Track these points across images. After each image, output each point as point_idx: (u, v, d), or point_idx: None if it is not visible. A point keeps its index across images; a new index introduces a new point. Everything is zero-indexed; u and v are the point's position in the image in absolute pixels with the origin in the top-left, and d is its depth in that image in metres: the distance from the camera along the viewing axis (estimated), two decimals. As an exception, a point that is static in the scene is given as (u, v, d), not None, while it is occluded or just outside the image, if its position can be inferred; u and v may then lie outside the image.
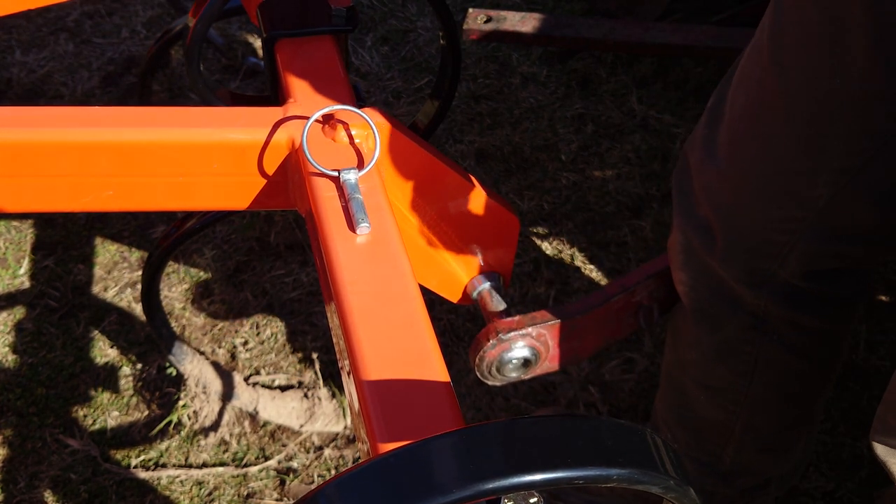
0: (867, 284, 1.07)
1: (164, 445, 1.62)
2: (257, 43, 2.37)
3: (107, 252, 1.92)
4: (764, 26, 0.92)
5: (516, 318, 1.19)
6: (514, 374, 1.24)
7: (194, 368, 1.65)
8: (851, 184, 0.90)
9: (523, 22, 2.08)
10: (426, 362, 0.70)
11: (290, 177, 0.96)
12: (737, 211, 1.00)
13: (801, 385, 1.15)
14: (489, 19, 2.08)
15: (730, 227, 1.02)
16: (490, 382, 1.25)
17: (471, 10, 2.12)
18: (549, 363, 1.27)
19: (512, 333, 1.19)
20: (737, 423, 1.19)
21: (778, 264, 1.00)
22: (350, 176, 0.88)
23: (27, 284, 1.86)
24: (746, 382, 1.14)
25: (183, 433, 1.63)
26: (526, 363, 1.23)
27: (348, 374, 0.76)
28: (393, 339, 0.72)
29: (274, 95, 1.12)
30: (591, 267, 1.86)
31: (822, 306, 1.05)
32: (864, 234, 0.95)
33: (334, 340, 0.87)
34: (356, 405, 0.73)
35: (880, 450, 0.92)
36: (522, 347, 1.20)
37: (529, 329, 1.19)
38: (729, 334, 1.12)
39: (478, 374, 1.23)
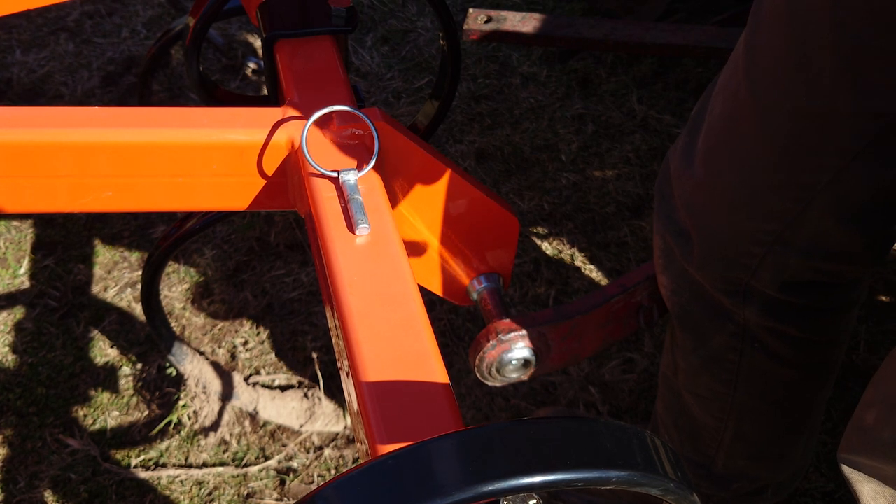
0: (853, 297, 1.06)
1: (164, 445, 1.62)
2: (257, 43, 2.37)
3: (107, 252, 1.92)
4: (742, 41, 0.93)
5: (516, 318, 1.19)
6: (513, 375, 1.24)
7: (194, 368, 1.65)
8: (819, 200, 0.91)
9: (524, 22, 2.07)
10: (425, 363, 0.70)
11: (289, 177, 0.96)
12: (710, 221, 1.01)
13: (789, 394, 1.14)
14: (489, 19, 2.08)
15: (705, 236, 1.02)
16: (490, 383, 1.24)
17: (471, 10, 2.12)
18: (549, 363, 1.27)
19: (512, 334, 1.18)
20: (726, 430, 1.19)
21: (751, 275, 1.01)
22: (349, 177, 0.87)
23: (27, 284, 1.86)
24: (731, 391, 1.14)
25: (183, 433, 1.63)
26: (526, 364, 1.23)
27: (347, 374, 0.76)
28: (392, 341, 0.72)
29: (273, 96, 1.12)
30: (592, 267, 1.86)
31: (804, 317, 1.05)
32: (836, 249, 0.96)
33: (333, 341, 0.87)
34: (355, 406, 0.73)
35: (846, 469, 0.92)
36: (522, 348, 1.20)
37: (529, 329, 1.19)
38: (711, 342, 1.12)
39: (477, 374, 1.23)
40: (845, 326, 1.10)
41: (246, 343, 1.77)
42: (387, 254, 0.81)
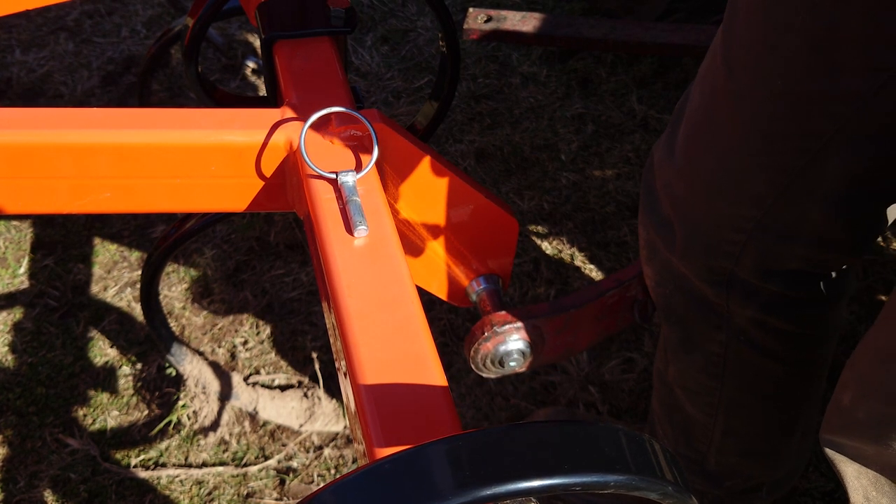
0: (840, 289, 1.05)
1: (163, 445, 1.62)
2: (257, 42, 2.37)
3: (106, 251, 1.92)
4: (720, 29, 0.94)
5: (511, 311, 1.20)
6: (508, 367, 1.24)
7: (194, 368, 1.65)
8: (796, 183, 0.91)
9: (524, 21, 2.07)
10: (423, 366, 0.70)
11: (287, 179, 0.96)
12: (691, 208, 1.02)
13: (778, 389, 1.14)
14: (489, 19, 2.08)
15: (686, 224, 1.03)
16: (485, 375, 1.25)
17: (471, 9, 2.12)
18: (544, 356, 1.27)
19: (507, 326, 1.19)
20: (716, 425, 1.19)
21: (734, 262, 1.01)
22: (348, 178, 0.87)
23: (27, 284, 1.86)
24: (719, 384, 1.14)
25: (183, 433, 1.64)
26: (520, 356, 1.23)
27: (345, 374, 0.76)
28: (390, 343, 0.72)
29: (272, 97, 1.12)
30: (591, 267, 1.86)
31: (788, 308, 1.04)
32: (816, 235, 0.96)
33: (331, 341, 0.87)
34: (353, 407, 0.73)
35: (829, 451, 0.93)
36: (517, 340, 1.21)
37: (524, 322, 1.20)
38: (697, 334, 1.12)
39: (472, 366, 1.23)
40: (833, 321, 1.10)
41: (246, 343, 1.77)
42: (385, 255, 0.81)
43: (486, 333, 1.19)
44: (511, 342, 1.21)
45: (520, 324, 1.20)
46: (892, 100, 0.82)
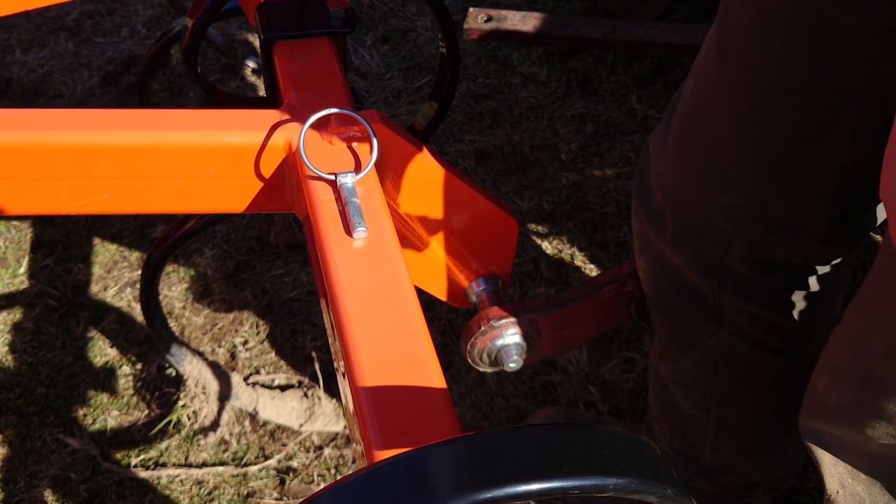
0: (833, 283, 1.05)
1: (163, 445, 1.62)
2: (257, 43, 2.37)
3: (107, 251, 1.92)
4: (716, 20, 0.95)
5: (508, 306, 1.20)
6: (505, 362, 1.24)
7: (193, 368, 1.65)
8: (783, 174, 0.91)
9: (524, 21, 2.07)
10: (422, 368, 0.70)
11: (287, 180, 0.96)
12: (682, 196, 1.02)
13: (771, 383, 1.14)
14: (489, 18, 2.08)
15: (677, 213, 1.03)
16: (481, 369, 1.25)
17: (471, 9, 2.12)
18: (541, 351, 1.27)
19: (503, 321, 1.19)
20: (709, 419, 1.18)
21: (724, 251, 1.01)
22: (347, 179, 0.87)
23: (27, 284, 1.86)
24: (711, 377, 1.14)
25: (183, 433, 1.64)
26: (517, 350, 1.23)
27: (343, 375, 0.76)
28: (389, 345, 0.72)
29: (271, 97, 1.12)
30: (591, 266, 1.86)
31: (780, 301, 1.04)
32: (805, 226, 0.96)
33: (330, 341, 0.88)
34: (351, 407, 0.73)
35: (807, 439, 0.93)
36: (513, 335, 1.21)
37: (520, 317, 1.20)
38: (688, 326, 1.12)
39: (469, 360, 1.23)
40: (827, 315, 1.09)
41: (246, 343, 1.77)
42: (384, 257, 0.81)
43: (482, 328, 1.19)
44: (507, 336, 1.21)
45: (516, 318, 1.20)
46: (879, 92, 0.82)
